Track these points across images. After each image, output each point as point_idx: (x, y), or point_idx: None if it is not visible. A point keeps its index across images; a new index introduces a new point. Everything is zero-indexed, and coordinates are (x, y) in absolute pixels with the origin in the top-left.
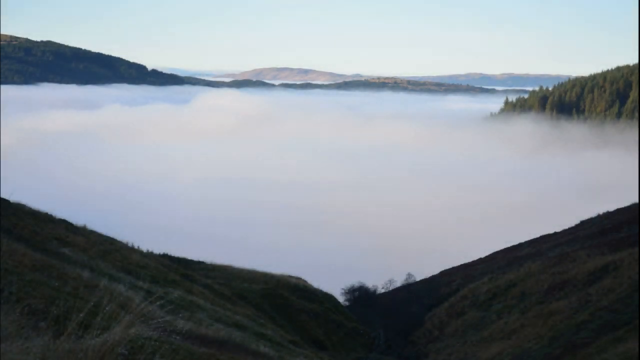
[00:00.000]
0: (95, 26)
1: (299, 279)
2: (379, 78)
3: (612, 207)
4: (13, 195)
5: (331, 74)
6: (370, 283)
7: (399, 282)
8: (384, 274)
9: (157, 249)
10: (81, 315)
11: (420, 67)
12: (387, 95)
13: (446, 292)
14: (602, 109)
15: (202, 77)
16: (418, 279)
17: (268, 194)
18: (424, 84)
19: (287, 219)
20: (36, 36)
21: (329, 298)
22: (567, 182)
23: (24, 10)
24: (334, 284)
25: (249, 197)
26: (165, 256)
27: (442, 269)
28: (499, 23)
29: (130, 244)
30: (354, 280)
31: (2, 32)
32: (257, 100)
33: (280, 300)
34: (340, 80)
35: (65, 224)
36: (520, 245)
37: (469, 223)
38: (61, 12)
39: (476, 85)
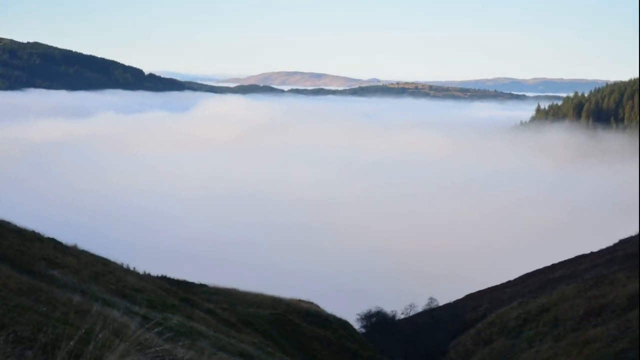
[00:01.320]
0: (87, 26)
1: (310, 303)
2: (398, 83)
3: None
4: None
5: (346, 79)
6: (388, 308)
7: (420, 307)
8: (403, 298)
9: (155, 271)
10: (71, 343)
11: (444, 71)
12: (407, 102)
13: (472, 318)
14: None
15: (204, 82)
16: (441, 303)
17: (276, 211)
18: (447, 89)
19: (297, 238)
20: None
21: (343, 324)
22: (604, 197)
23: (7, 9)
24: (349, 309)
25: (255, 214)
26: (163, 279)
27: (468, 292)
28: (530, 23)
29: (125, 266)
30: (370, 305)
31: None
32: (264, 107)
33: (290, 327)
34: (355, 86)
35: (54, 243)
36: (554, 266)
37: (497, 242)
38: (49, 11)
39: (505, 91)
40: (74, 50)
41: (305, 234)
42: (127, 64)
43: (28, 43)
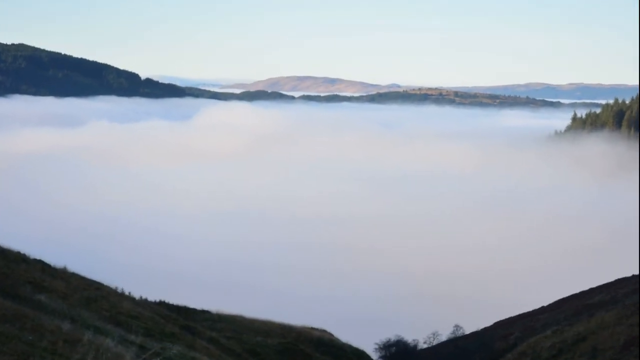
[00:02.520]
0: (77, 26)
1: (323, 331)
2: (420, 89)
3: None
4: None
5: (362, 84)
6: (409, 336)
7: (444, 335)
8: (426, 326)
9: (153, 296)
10: None
11: (471, 75)
12: (430, 110)
13: (502, 347)
14: None
15: (207, 88)
16: (468, 331)
17: (286, 230)
18: (475, 95)
19: (308, 260)
20: (5, 38)
21: (359, 354)
22: None
23: None
24: (366, 338)
25: (263, 233)
26: (162, 304)
27: (497, 319)
28: (565, 23)
29: (119, 290)
30: (389, 333)
31: None
32: (273, 115)
33: (301, 358)
34: (373, 92)
35: (41, 265)
36: (592, 290)
37: (529, 264)
38: (36, 10)
39: (538, 98)
40: (63, 52)
41: (318, 256)
42: (121, 67)
43: (12, 45)
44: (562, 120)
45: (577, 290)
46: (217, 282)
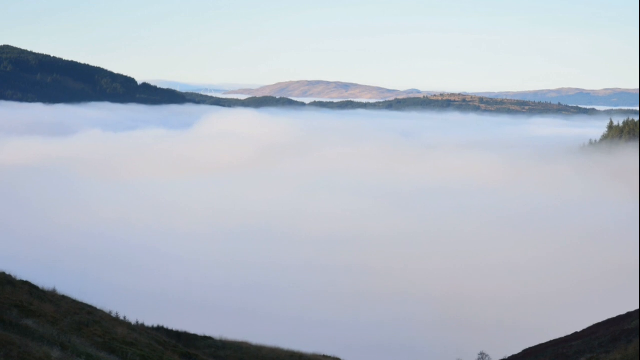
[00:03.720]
0: (67, 27)
1: (336, 359)
2: (442, 95)
3: None
4: None
5: (379, 90)
6: None
7: None
8: (449, 353)
9: (150, 321)
10: None
11: (497, 80)
12: (453, 117)
13: None
14: None
15: (209, 94)
16: (495, 359)
17: (296, 250)
18: (501, 102)
19: (321, 281)
20: None
21: None
22: None
23: None
24: None
25: (271, 253)
26: (160, 330)
27: (526, 346)
28: (600, 23)
29: (114, 314)
30: None
31: None
32: (281, 124)
33: None
34: (391, 98)
35: (28, 287)
36: (629, 315)
37: (562, 286)
38: (23, 9)
39: (571, 104)
40: (52, 55)
41: (330, 277)
42: (116, 71)
43: None
44: (597, 129)
45: (613, 315)
46: (221, 305)
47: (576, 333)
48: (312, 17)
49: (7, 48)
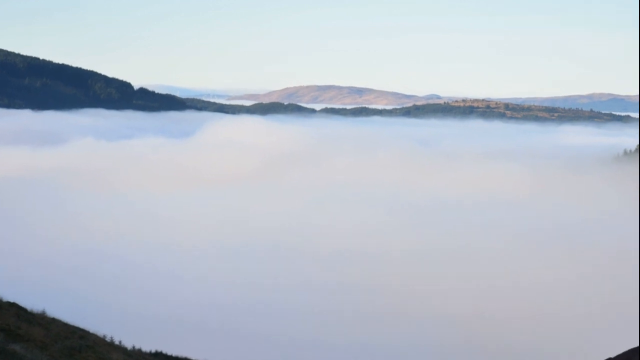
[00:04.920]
0: (58, 27)
1: None
2: (464, 100)
3: None
4: None
5: (395, 95)
6: None
7: None
8: None
9: (148, 346)
10: None
11: (524, 84)
12: (476, 125)
13: None
14: None
15: (212, 99)
16: None
17: (305, 268)
18: (528, 108)
19: (330, 302)
20: None
21: None
22: None
23: None
24: None
25: (279, 271)
26: (159, 355)
27: None
28: (636, 24)
29: (108, 338)
30: None
31: None
32: (290, 131)
33: None
34: (408, 104)
35: (15, 309)
36: None
37: (595, 307)
38: (9, 8)
39: (603, 111)
40: (41, 57)
41: (343, 297)
42: (110, 75)
43: None
44: (632, 137)
45: None
46: (224, 329)
47: (609, 359)
48: (323, 16)
49: None
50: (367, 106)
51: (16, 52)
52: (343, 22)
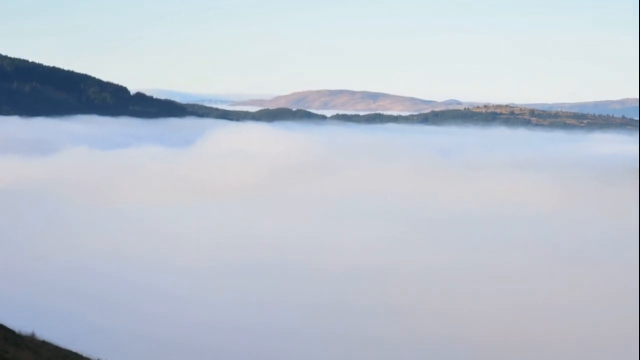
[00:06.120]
0: (49, 28)
1: None
2: (486, 106)
3: None
4: None
5: (412, 100)
6: None
7: None
8: None
9: None
10: None
11: (550, 89)
12: (499, 133)
13: None
14: None
15: (214, 105)
16: None
17: (315, 286)
18: (556, 115)
19: (342, 323)
20: None
21: None
22: None
23: None
24: None
25: (286, 291)
26: None
27: None
28: None
29: None
30: None
31: None
32: (299, 140)
33: None
34: (426, 110)
35: (3, 331)
36: None
37: (628, 329)
38: None
39: (637, 118)
40: (30, 60)
41: (356, 319)
42: (105, 79)
43: None
44: None
45: None
46: (228, 351)
47: None
48: (334, 15)
49: None
50: (381, 112)
51: (3, 54)
52: (356, 21)
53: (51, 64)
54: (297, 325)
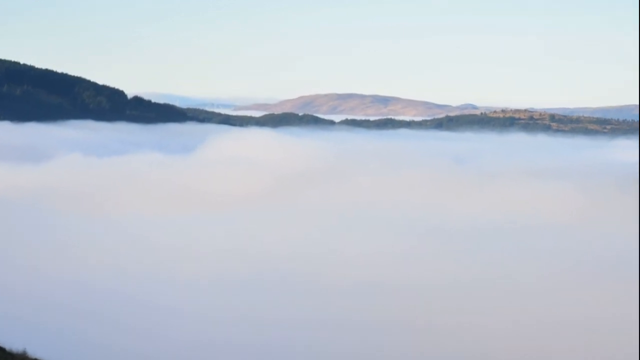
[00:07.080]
0: (41, 29)
1: None
2: (504, 111)
3: None
4: None
5: (426, 105)
6: None
7: None
8: None
9: None
10: None
11: (572, 92)
12: (517, 139)
13: None
14: None
15: (216, 110)
16: None
17: (322, 301)
18: (577, 120)
19: (353, 341)
20: None
21: None
22: None
23: None
24: None
25: (292, 306)
26: None
27: None
28: None
29: None
30: None
31: None
32: (305, 146)
33: None
34: (440, 115)
35: None
36: None
37: None
38: None
39: None
40: (22, 62)
41: (366, 335)
42: (100, 82)
43: None
44: None
45: None
46: None
47: None
48: (342, 15)
49: None
50: (393, 117)
51: None
52: (366, 21)
53: (44, 67)
54: (303, 342)
